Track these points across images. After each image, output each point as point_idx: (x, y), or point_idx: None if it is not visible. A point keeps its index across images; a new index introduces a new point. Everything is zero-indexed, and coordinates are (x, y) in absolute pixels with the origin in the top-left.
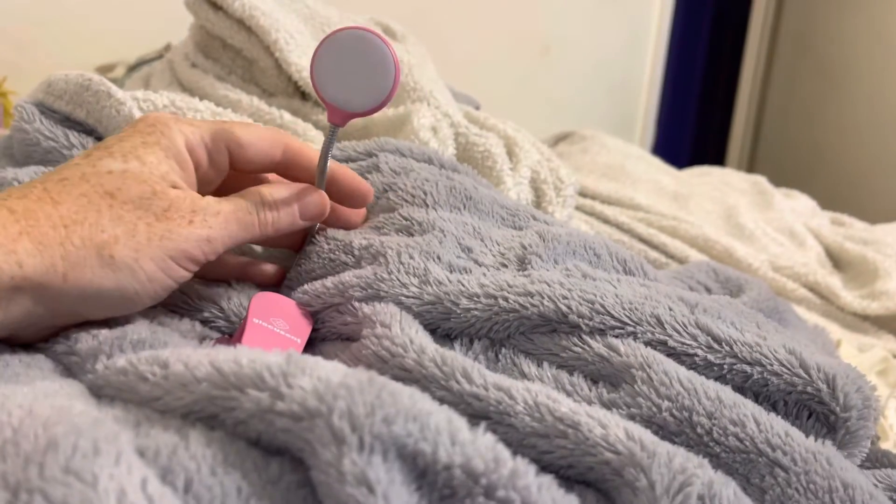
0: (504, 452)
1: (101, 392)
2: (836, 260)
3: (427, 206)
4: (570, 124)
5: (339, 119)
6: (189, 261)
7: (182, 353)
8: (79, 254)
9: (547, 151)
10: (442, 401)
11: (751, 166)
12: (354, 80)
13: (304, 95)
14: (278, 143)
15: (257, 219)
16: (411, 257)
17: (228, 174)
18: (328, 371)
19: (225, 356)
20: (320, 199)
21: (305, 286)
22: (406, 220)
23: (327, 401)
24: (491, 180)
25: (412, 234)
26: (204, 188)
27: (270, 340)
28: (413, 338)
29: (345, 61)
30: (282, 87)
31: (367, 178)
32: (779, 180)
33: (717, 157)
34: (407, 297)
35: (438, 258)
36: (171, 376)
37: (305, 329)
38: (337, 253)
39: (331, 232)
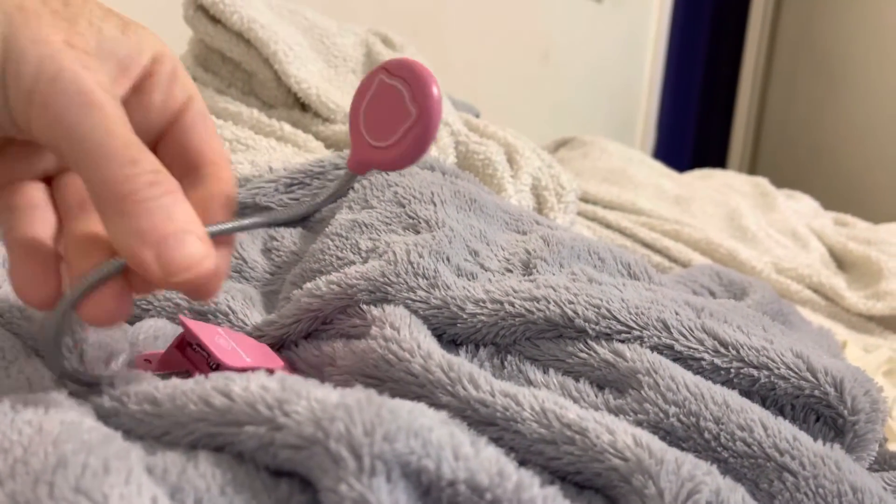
0: (508, 465)
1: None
2: (840, 261)
3: (434, 204)
4: (570, 130)
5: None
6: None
7: (169, 385)
8: None
9: (548, 158)
10: (448, 407)
11: (752, 168)
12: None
13: (303, 107)
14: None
15: (119, 163)
16: (420, 256)
17: None
18: (325, 391)
19: (214, 386)
20: (200, 255)
21: (309, 285)
22: (412, 217)
23: (324, 426)
24: (492, 188)
25: (419, 232)
26: None
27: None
28: (421, 342)
29: None
30: (281, 98)
31: (370, 180)
32: (781, 181)
33: (718, 159)
34: (414, 300)
35: (448, 259)
36: (165, 415)
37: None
38: (344, 252)
39: (335, 228)
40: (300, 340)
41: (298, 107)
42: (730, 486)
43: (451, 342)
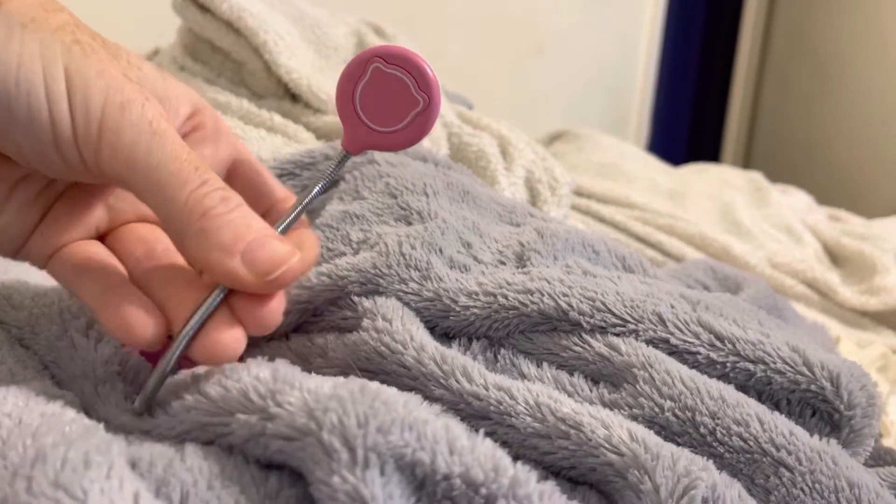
0: (504, 460)
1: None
2: (834, 256)
3: (427, 195)
4: (564, 123)
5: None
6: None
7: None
8: None
9: (541, 151)
10: (441, 400)
11: (746, 162)
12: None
13: (294, 97)
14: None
15: (193, 185)
16: (413, 247)
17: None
18: (318, 381)
19: (207, 378)
20: (285, 252)
21: None
22: (404, 208)
23: (317, 416)
24: (485, 180)
25: (411, 224)
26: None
27: None
28: (414, 334)
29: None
30: (271, 89)
31: (361, 171)
32: (775, 176)
33: (712, 153)
34: (406, 292)
35: (441, 251)
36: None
37: None
38: (335, 243)
39: (325, 219)
40: (290, 333)
41: (289, 97)
42: (726, 482)
43: (443, 335)
